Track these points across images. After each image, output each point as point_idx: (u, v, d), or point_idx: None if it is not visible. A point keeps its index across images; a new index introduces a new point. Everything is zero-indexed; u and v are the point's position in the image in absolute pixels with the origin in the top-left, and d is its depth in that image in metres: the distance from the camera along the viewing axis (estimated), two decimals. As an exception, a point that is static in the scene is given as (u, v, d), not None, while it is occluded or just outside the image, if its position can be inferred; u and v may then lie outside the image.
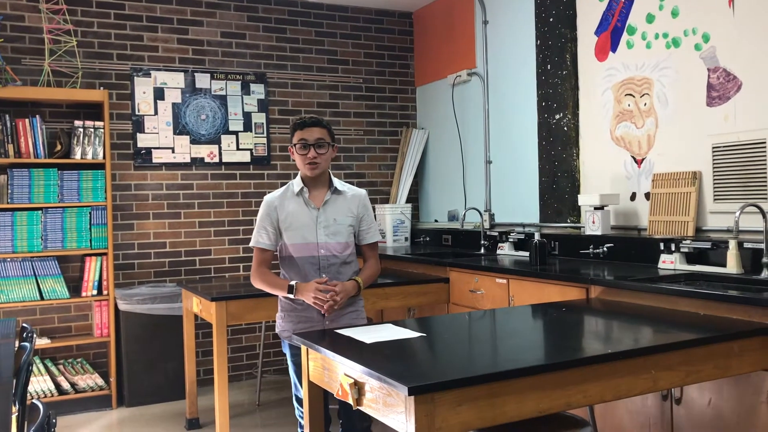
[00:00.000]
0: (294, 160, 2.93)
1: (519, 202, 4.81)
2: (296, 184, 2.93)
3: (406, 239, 5.70)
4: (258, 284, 2.93)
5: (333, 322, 2.87)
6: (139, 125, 5.06)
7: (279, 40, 5.53)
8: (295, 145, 2.88)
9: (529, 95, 4.66)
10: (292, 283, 2.83)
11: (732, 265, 3.10)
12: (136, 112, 5.06)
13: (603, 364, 2.07)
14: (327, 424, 2.90)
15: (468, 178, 5.38)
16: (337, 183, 2.97)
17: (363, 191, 3.04)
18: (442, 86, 5.66)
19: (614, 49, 4.03)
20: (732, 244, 3.10)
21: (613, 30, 4.03)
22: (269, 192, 3.09)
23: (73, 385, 4.58)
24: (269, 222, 2.91)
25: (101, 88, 4.90)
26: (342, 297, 2.82)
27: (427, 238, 5.67)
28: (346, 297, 2.86)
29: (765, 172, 3.19)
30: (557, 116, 4.38)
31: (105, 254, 4.72)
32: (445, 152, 5.67)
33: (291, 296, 2.84)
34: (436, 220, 5.84)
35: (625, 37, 3.95)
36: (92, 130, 4.69)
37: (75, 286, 4.77)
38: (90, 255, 4.71)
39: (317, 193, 2.92)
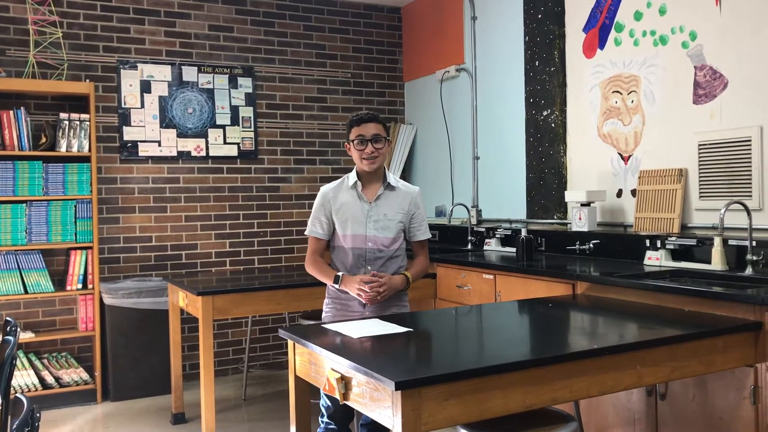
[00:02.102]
0: (351, 156, 2.98)
1: (506, 198, 4.82)
2: (351, 177, 2.99)
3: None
4: (311, 271, 3.01)
5: (373, 313, 2.88)
6: (125, 118, 5.02)
7: (267, 33, 5.50)
8: (352, 141, 2.92)
9: (517, 91, 4.66)
10: (339, 273, 2.90)
11: (717, 262, 3.12)
12: (123, 105, 5.02)
13: (589, 360, 2.08)
14: (350, 418, 2.90)
15: (455, 173, 5.38)
16: (391, 179, 3.01)
17: (416, 188, 3.07)
18: (431, 82, 5.65)
19: (602, 46, 4.04)
20: (717, 241, 3.13)
21: (601, 27, 4.05)
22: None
23: (57, 379, 4.55)
24: (323, 213, 2.98)
25: (87, 80, 4.85)
26: (386, 289, 2.85)
27: (415, 234, 5.67)
28: (392, 291, 2.89)
29: (750, 170, 3.22)
30: (545, 113, 4.39)
31: (90, 248, 4.68)
32: (433, 148, 5.67)
33: (336, 286, 2.91)
34: (423, 216, 5.84)
35: (613, 34, 3.96)
36: (78, 122, 4.64)
37: (60, 280, 4.73)
38: (75, 249, 4.67)
39: (371, 188, 2.98)
